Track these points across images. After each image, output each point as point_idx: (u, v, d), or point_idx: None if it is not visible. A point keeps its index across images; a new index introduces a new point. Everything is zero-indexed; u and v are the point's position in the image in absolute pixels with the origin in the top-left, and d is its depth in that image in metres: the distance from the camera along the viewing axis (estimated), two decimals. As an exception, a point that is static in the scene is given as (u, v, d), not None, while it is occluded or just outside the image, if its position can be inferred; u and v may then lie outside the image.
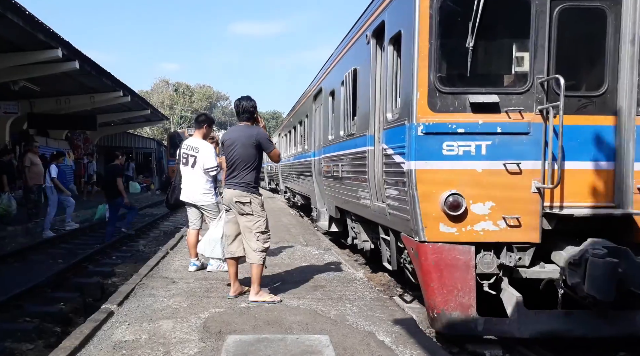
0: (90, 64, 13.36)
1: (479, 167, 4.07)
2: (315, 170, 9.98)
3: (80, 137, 23.15)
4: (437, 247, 4.07)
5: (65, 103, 17.31)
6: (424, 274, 4.19)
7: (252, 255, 4.58)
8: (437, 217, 4.05)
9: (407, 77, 4.32)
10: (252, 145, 4.60)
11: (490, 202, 4.05)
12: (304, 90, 13.11)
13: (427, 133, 4.07)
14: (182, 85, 58.41)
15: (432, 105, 4.06)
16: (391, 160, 4.69)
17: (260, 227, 4.59)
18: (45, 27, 10.27)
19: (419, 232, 4.10)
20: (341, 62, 7.43)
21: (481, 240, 4.08)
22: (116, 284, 6.63)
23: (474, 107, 4.05)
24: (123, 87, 16.97)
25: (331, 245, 8.21)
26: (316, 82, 10.30)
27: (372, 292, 5.15)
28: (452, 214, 4.00)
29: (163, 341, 3.62)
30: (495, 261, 4.12)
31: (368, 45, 5.64)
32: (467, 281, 4.02)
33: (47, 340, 4.69)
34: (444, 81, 4.10)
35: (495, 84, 4.42)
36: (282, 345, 3.56)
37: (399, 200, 4.51)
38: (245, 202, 4.56)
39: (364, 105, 5.89)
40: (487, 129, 4.06)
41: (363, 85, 5.97)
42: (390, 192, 4.78)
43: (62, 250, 9.51)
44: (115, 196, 10.24)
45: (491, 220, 4.06)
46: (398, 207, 4.57)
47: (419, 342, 3.69)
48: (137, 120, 25.97)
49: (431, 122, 4.07)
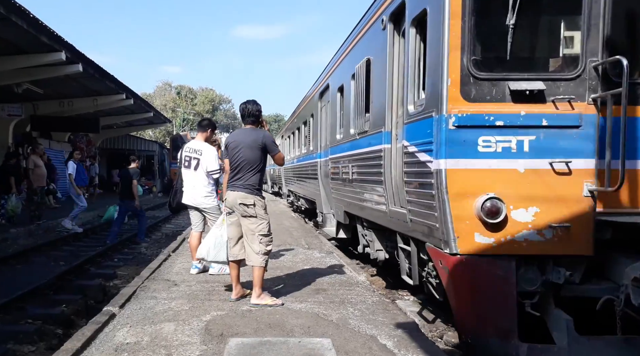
0: (93, 66, 13.42)
1: (521, 167, 3.54)
2: (321, 172, 9.53)
3: (83, 140, 23.21)
4: (471, 261, 3.53)
5: (69, 105, 17.38)
6: (456, 293, 3.70)
7: (255, 258, 4.58)
8: (472, 226, 3.51)
9: (435, 62, 3.75)
10: (258, 148, 4.62)
11: (534, 208, 3.52)
12: (308, 90, 12.77)
13: (460, 126, 3.53)
14: (185, 88, 58.64)
15: (466, 94, 3.54)
16: (414, 159, 4.13)
17: (263, 230, 4.60)
18: (49, 29, 10.32)
19: (450, 242, 3.56)
20: (352, 53, 6.84)
21: (523, 252, 3.54)
22: (118, 286, 6.63)
23: (515, 96, 3.52)
24: (126, 89, 17.03)
25: (333, 249, 8.20)
26: (322, 78, 9.76)
27: (374, 296, 5.13)
28: (490, 222, 3.46)
29: (165, 343, 3.62)
30: (539, 277, 3.59)
31: (384, 31, 5.10)
32: (507, 301, 3.50)
33: (49, 342, 4.69)
34: (480, 65, 3.56)
35: (540, 69, 3.82)
36: (284, 348, 3.56)
37: (424, 205, 3.98)
38: (249, 204, 4.57)
39: (379, 99, 5.35)
40: (531, 122, 3.52)
41: (377, 76, 5.43)
42: (413, 195, 4.24)
43: (64, 252, 9.52)
44: (128, 198, 10.39)
45: (535, 229, 3.51)
46: (422, 213, 4.03)
47: (421, 346, 3.68)
48: (140, 122, 26.07)
49: (464, 113, 3.53)
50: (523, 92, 3.51)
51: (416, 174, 4.14)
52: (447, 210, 3.57)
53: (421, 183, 4.02)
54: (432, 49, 3.85)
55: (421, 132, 3.99)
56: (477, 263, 3.54)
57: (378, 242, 6.14)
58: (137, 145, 32.82)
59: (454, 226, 3.55)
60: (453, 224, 3.55)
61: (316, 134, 10.33)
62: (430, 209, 3.82)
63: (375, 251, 6.21)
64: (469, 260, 3.53)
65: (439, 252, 3.75)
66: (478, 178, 3.56)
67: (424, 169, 3.92)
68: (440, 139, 3.62)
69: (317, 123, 10.23)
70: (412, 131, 4.25)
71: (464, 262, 3.53)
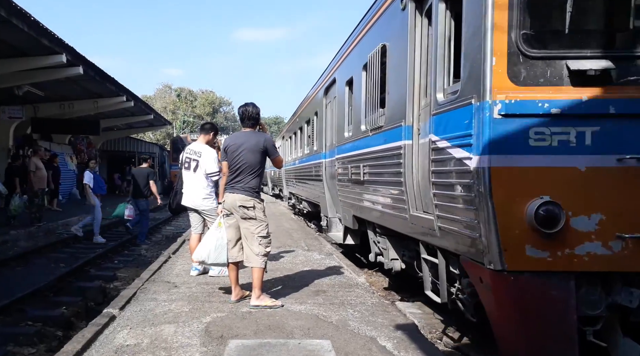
0: (94, 69, 13.45)
1: (582, 164, 2.95)
2: (326, 173, 9.02)
3: (83, 142, 23.26)
4: (521, 279, 2.98)
5: (69, 108, 17.40)
6: (500, 317, 3.20)
7: (254, 259, 4.60)
8: (523, 236, 2.95)
9: (475, 38, 3.18)
10: (259, 151, 4.65)
11: (599, 215, 2.94)
12: (310, 88, 12.21)
13: (507, 115, 2.95)
14: (185, 90, 58.68)
15: (515, 76, 2.97)
16: (445, 156, 3.56)
17: (262, 232, 4.63)
18: (50, 32, 10.35)
19: (495, 256, 2.99)
20: (363, 41, 6.24)
21: (585, 269, 2.97)
22: (118, 288, 6.64)
23: (575, 77, 2.94)
24: (126, 92, 17.05)
25: (333, 250, 8.20)
26: (328, 73, 9.16)
27: (373, 297, 5.14)
28: (545, 232, 2.90)
29: (165, 345, 3.62)
30: (604, 299, 3.03)
31: (404, 12, 4.57)
32: (565, 328, 2.98)
33: (49, 344, 4.70)
34: (532, 41, 2.99)
35: (606, 45, 3.16)
36: (284, 350, 3.56)
37: (458, 211, 3.42)
38: (249, 207, 4.60)
39: (397, 89, 4.80)
40: (595, 109, 2.93)
41: (395, 64, 4.89)
42: (443, 199, 3.66)
43: (64, 254, 9.53)
44: (140, 197, 10.62)
45: (600, 240, 2.94)
46: (456, 221, 3.46)
47: (420, 348, 3.68)
48: (140, 125, 26.08)
49: (513, 99, 2.95)
50: (585, 72, 2.91)
51: (448, 174, 3.55)
52: (492, 218, 2.98)
53: (455, 185, 3.43)
54: (470, 25, 3.27)
55: (455, 124, 3.41)
56: (528, 282, 2.99)
57: (393, 250, 5.54)
58: (138, 148, 32.82)
59: (500, 237, 2.96)
60: (499, 235, 2.96)
61: (321, 133, 9.74)
62: (468, 216, 3.25)
63: (389, 260, 5.59)
64: (519, 278, 2.98)
65: (480, 267, 3.18)
66: (530, 179, 2.99)
67: (459, 168, 3.33)
68: (482, 131, 3.03)
69: (322, 121, 9.65)
70: (443, 123, 3.66)
71: (512, 280, 2.98)
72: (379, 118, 5.39)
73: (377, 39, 5.48)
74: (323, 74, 9.91)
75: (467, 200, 3.25)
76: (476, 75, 3.15)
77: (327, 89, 9.11)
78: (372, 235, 6.25)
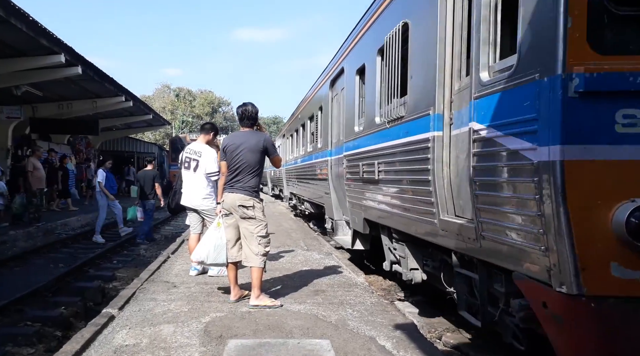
0: (92, 69, 13.43)
1: None
2: (332, 172, 8.43)
3: (82, 142, 23.22)
4: (606, 307, 2.33)
5: (68, 108, 17.38)
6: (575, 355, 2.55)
7: (253, 259, 4.60)
8: (608, 251, 2.32)
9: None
10: (259, 150, 4.66)
11: None
12: (313, 83, 11.53)
13: (588, 93, 2.30)
14: (184, 90, 58.62)
15: (598, 41, 2.31)
16: (494, 148, 2.93)
17: (261, 232, 4.63)
18: (48, 32, 10.33)
19: (568, 276, 2.35)
20: (378, 22, 5.57)
21: None
22: (117, 288, 6.63)
23: None
24: (125, 92, 17.04)
25: (332, 250, 8.20)
26: (334, 63, 8.40)
27: (372, 297, 5.14)
28: (638, 245, 2.26)
29: (164, 345, 3.62)
30: None
31: None
32: None
33: (48, 344, 4.69)
34: None
35: None
36: (284, 350, 3.56)
37: (514, 217, 2.78)
38: (248, 206, 4.61)
39: (423, 72, 4.19)
40: None
41: (420, 43, 4.29)
42: (489, 201, 3.04)
43: (63, 254, 9.52)
44: (146, 198, 10.83)
45: None
46: (509, 228, 2.83)
47: (419, 347, 3.68)
48: (139, 125, 26.05)
49: (595, 72, 2.29)
50: None
51: (498, 170, 2.92)
52: (565, 227, 2.33)
53: (508, 184, 2.83)
54: None
55: (510, 107, 2.79)
56: (615, 311, 2.32)
57: (413, 258, 4.96)
58: (137, 148, 32.81)
59: (577, 252, 2.31)
60: (575, 249, 2.32)
61: (326, 129, 9.04)
62: (528, 223, 2.64)
63: (408, 270, 4.98)
64: (602, 305, 2.31)
65: (544, 289, 2.55)
66: (617, 176, 2.34)
67: (516, 163, 2.70)
68: (551, 115, 2.38)
69: (327, 116, 8.95)
70: (490, 107, 3.02)
71: (592, 308, 2.31)
72: (398, 108, 4.72)
73: (397, 17, 4.79)
74: (328, 66, 9.17)
75: (527, 204, 2.64)
76: (542, 43, 2.50)
77: (333, 80, 8.44)
78: (387, 241, 5.60)
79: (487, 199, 3.06)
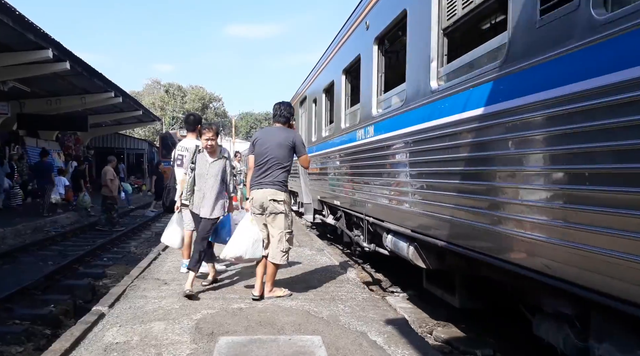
0: (81, 64, 13.27)
1: None
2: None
3: (71, 138, 22.96)
4: None
5: (56, 104, 17.17)
6: None
7: (278, 255, 4.66)
8: None
9: None
10: (288, 147, 4.69)
11: None
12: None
13: None
14: (174, 85, 58.15)
15: None
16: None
17: (289, 227, 4.71)
18: (36, 27, 10.18)
19: None
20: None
21: None
22: (107, 286, 6.58)
23: None
24: (114, 87, 16.86)
25: (324, 246, 8.21)
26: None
27: (364, 292, 5.15)
28: None
29: (155, 343, 3.60)
30: None
31: None
32: None
33: (37, 343, 4.65)
34: None
35: None
36: (275, 346, 3.56)
37: None
38: (280, 200, 4.62)
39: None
40: None
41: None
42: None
43: (53, 251, 9.43)
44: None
45: None
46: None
47: (410, 342, 3.70)
48: (129, 121, 25.80)
49: None
50: None
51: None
52: None
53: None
54: None
55: None
56: None
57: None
58: (126, 144, 32.54)
59: None
60: None
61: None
62: None
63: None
64: None
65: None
66: None
67: None
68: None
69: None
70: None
71: None
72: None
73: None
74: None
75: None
76: None
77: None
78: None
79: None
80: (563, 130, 2.44)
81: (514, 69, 2.84)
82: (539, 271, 2.64)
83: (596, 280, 2.25)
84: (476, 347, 4.15)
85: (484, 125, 3.11)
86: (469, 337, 4.46)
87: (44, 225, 12.13)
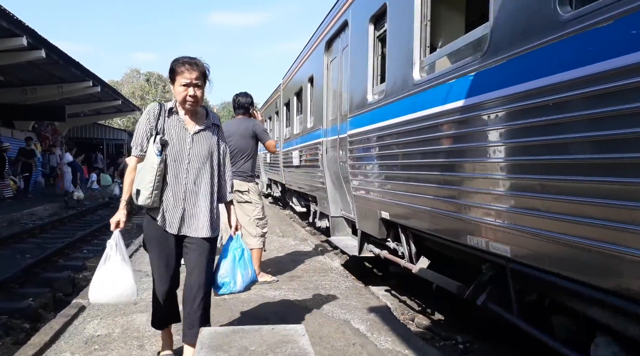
0: (57, 52, 12.92)
1: None
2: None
3: (48, 129, 22.41)
4: None
5: (32, 93, 16.71)
6: None
7: (252, 241, 4.83)
8: None
9: None
10: (249, 136, 4.89)
11: None
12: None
13: None
14: (154, 74, 57.13)
15: None
16: None
17: (258, 214, 4.92)
18: (9, 13, 9.86)
19: None
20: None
21: None
22: (87, 278, 6.48)
23: None
24: (92, 77, 16.49)
25: (307, 236, 8.23)
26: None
27: (347, 281, 5.19)
28: None
29: (137, 335, 3.58)
30: None
31: None
32: None
33: (16, 337, 4.56)
34: None
35: None
36: (258, 336, 3.55)
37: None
38: (243, 191, 4.85)
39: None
40: None
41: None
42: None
43: (30, 244, 9.24)
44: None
45: None
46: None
47: (393, 329, 3.75)
48: (108, 111, 25.28)
49: None
50: None
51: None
52: None
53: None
54: None
55: None
56: None
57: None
58: (106, 134, 31.98)
59: None
60: None
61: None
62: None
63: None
64: None
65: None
66: None
67: None
68: None
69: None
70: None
71: None
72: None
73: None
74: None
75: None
76: None
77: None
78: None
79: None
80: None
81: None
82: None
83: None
84: (455, 332, 4.22)
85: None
86: (450, 323, 4.54)
87: (20, 218, 11.87)
